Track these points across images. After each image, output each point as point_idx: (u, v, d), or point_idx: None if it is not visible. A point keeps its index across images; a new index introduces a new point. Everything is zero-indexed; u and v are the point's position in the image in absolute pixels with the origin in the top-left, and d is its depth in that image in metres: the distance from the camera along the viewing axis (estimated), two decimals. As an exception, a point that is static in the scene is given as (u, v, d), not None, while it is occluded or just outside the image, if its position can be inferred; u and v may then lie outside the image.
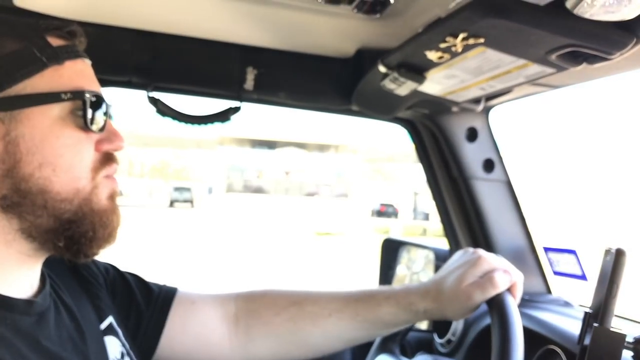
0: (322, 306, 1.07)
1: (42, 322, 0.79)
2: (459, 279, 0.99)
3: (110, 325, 0.95)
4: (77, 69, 0.80)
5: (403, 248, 1.98)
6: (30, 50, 0.75)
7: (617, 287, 0.83)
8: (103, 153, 0.82)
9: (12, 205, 0.74)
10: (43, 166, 0.74)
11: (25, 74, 0.74)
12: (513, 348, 0.86)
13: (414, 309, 1.03)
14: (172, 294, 1.07)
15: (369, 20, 1.22)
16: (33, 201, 0.74)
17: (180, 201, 36.99)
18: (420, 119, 1.61)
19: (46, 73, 0.76)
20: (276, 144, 25.90)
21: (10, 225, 0.76)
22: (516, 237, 1.61)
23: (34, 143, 0.74)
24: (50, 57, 0.76)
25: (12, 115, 0.73)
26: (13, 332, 0.73)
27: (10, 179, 0.74)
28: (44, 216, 0.75)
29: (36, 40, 0.76)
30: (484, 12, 0.86)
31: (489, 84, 1.15)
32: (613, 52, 0.87)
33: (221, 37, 1.40)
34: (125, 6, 1.27)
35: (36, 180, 0.74)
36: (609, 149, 31.55)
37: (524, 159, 24.25)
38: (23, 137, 0.73)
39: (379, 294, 1.07)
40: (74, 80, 0.78)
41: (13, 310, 0.76)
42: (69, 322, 0.85)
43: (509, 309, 0.93)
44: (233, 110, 1.44)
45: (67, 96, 0.76)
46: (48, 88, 0.76)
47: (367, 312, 1.05)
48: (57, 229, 0.76)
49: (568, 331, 1.22)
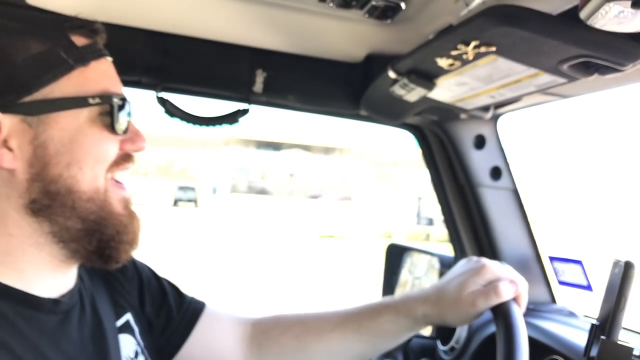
0: (325, 322, 1.09)
1: (66, 322, 0.80)
2: (461, 286, 0.98)
3: (127, 322, 0.96)
4: (102, 70, 0.80)
5: (407, 253, 1.97)
6: (57, 52, 0.75)
7: (625, 299, 0.83)
8: (123, 153, 0.82)
9: (42, 209, 0.75)
10: (71, 165, 0.75)
11: (52, 77, 0.74)
12: (518, 356, 0.86)
13: (413, 315, 1.03)
14: (201, 306, 1.10)
15: (380, 26, 1.22)
16: (62, 202, 0.75)
17: (184, 200, 37.04)
18: (428, 125, 1.61)
19: (73, 75, 0.76)
20: (282, 145, 25.91)
21: (42, 229, 0.76)
22: (522, 246, 1.60)
23: (62, 144, 0.74)
24: (77, 58, 0.76)
25: (40, 119, 0.73)
26: (36, 331, 0.74)
27: (40, 182, 0.74)
28: (73, 217, 0.76)
29: (61, 41, 0.76)
30: (496, 21, 0.86)
31: (499, 92, 1.15)
32: (625, 63, 0.86)
33: (231, 39, 1.40)
34: (136, 6, 1.27)
35: (64, 181, 0.75)
36: (618, 158, 31.48)
37: (532, 167, 24.20)
38: (52, 140, 0.74)
39: (378, 305, 1.08)
40: (100, 82, 0.79)
41: (39, 310, 0.76)
42: (91, 319, 0.85)
43: (514, 318, 0.92)
44: (241, 113, 1.44)
45: (96, 101, 0.77)
46: (75, 91, 0.76)
47: (369, 323, 1.06)
48: (86, 231, 0.77)
49: (572, 342, 1.22)
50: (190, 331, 1.06)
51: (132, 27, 1.34)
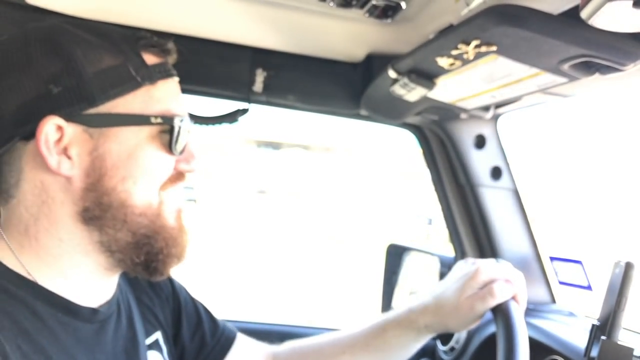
0: (336, 345, 1.12)
1: (102, 332, 0.81)
2: (458, 292, 1.00)
3: (157, 341, 0.96)
4: (168, 90, 0.81)
5: (407, 253, 1.97)
6: (127, 68, 0.76)
7: (626, 300, 0.83)
8: (176, 172, 0.83)
9: (93, 218, 0.76)
10: (126, 179, 0.76)
11: (119, 92, 0.75)
12: (518, 356, 0.86)
13: (416, 326, 1.06)
14: (234, 335, 1.13)
15: (380, 25, 1.22)
16: (114, 215, 0.76)
17: (184, 200, 36.99)
18: (428, 125, 1.61)
19: (139, 92, 0.77)
20: (281, 145, 25.92)
21: (91, 237, 0.77)
22: (522, 246, 1.60)
23: (120, 158, 0.75)
24: (145, 77, 0.77)
25: (102, 131, 0.75)
26: (72, 338, 0.75)
27: (94, 192, 0.75)
28: (124, 230, 0.77)
29: (133, 58, 0.77)
30: (497, 20, 0.86)
31: (499, 91, 1.15)
32: (626, 63, 0.86)
33: (231, 38, 1.40)
34: (135, 6, 1.27)
35: (118, 194, 0.75)
36: (619, 158, 31.46)
37: (532, 167, 24.19)
38: (110, 152, 0.75)
39: (383, 321, 1.10)
40: (164, 102, 0.79)
41: (78, 318, 0.77)
42: (126, 331, 0.86)
43: (513, 317, 0.92)
44: (241, 112, 1.44)
45: (157, 120, 0.78)
46: (139, 109, 0.77)
47: (375, 340, 1.09)
48: (135, 244, 0.78)
49: (573, 342, 1.22)
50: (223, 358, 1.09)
51: (132, 26, 1.34)
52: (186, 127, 0.81)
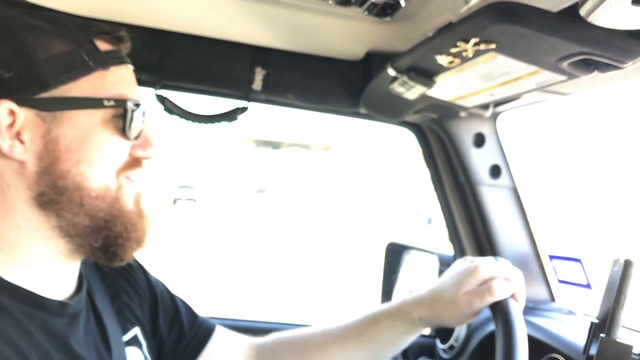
0: (326, 336, 1.11)
1: (73, 325, 0.80)
2: (456, 286, 0.99)
3: (135, 337, 0.96)
4: (121, 75, 0.82)
5: (407, 252, 1.97)
6: (79, 54, 0.77)
7: (625, 297, 0.83)
8: (133, 157, 0.83)
9: (50, 202, 0.76)
10: (80, 162, 0.76)
11: (71, 77, 0.76)
12: (517, 354, 0.86)
13: (409, 318, 1.05)
14: (213, 326, 1.12)
15: (379, 23, 1.22)
16: (70, 198, 0.76)
17: (184, 199, 37.05)
18: (427, 123, 1.61)
19: (92, 77, 0.78)
20: (281, 144, 25.91)
21: (49, 222, 0.77)
22: (521, 244, 1.60)
23: (73, 141, 0.76)
24: (98, 62, 0.78)
25: (55, 115, 0.75)
26: (43, 332, 0.74)
27: (48, 176, 0.75)
28: (81, 214, 0.77)
29: (85, 44, 0.78)
30: (496, 18, 0.86)
31: (498, 90, 1.15)
32: (626, 60, 0.86)
33: (230, 36, 1.40)
34: (134, 4, 1.27)
35: (73, 177, 0.76)
36: (618, 156, 31.58)
37: (532, 166, 24.27)
38: (63, 136, 0.75)
39: (375, 312, 1.09)
40: (118, 87, 0.81)
41: (45, 311, 0.77)
42: (96, 328, 0.86)
43: (513, 315, 0.92)
44: (240, 110, 1.44)
45: (110, 103, 0.78)
46: (92, 93, 0.77)
47: (367, 331, 1.08)
48: (93, 228, 0.78)
49: (572, 340, 1.22)
50: (201, 351, 1.08)
51: (131, 24, 1.34)
52: (140, 112, 0.82)
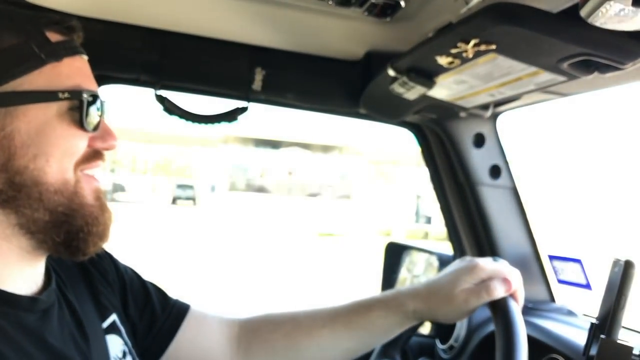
0: (315, 319, 1.09)
1: (46, 319, 0.79)
2: (453, 283, 0.99)
3: (113, 323, 0.95)
4: (75, 67, 0.80)
5: (407, 252, 1.97)
6: (29, 46, 0.75)
7: (625, 298, 0.83)
8: (92, 150, 0.82)
9: (8, 200, 0.75)
10: (37, 157, 0.75)
11: (23, 70, 0.74)
12: (518, 354, 0.86)
13: (403, 310, 1.03)
14: (186, 306, 1.10)
15: (379, 24, 1.22)
16: (28, 194, 0.75)
17: (183, 198, 36.96)
18: (427, 123, 1.61)
19: (44, 70, 0.76)
20: (280, 143, 25.86)
21: (8, 220, 0.76)
22: (521, 244, 1.60)
23: (29, 136, 0.74)
24: (49, 53, 0.76)
25: (8, 110, 0.73)
26: (16, 328, 0.74)
27: (5, 172, 0.74)
28: (40, 209, 0.75)
29: (35, 36, 0.76)
30: (496, 19, 0.86)
31: (498, 90, 1.15)
32: (626, 62, 0.86)
33: (230, 37, 1.40)
34: (135, 4, 1.27)
35: (30, 172, 0.74)
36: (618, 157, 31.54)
37: (532, 166, 24.21)
38: (19, 131, 0.74)
39: (369, 300, 1.08)
40: (72, 78, 0.79)
41: (16, 307, 0.76)
42: (71, 319, 0.85)
43: (512, 315, 0.92)
44: (240, 111, 1.44)
45: (65, 95, 0.77)
46: (46, 86, 0.76)
47: (359, 318, 1.06)
48: (54, 223, 0.77)
49: (572, 340, 1.22)
50: (176, 332, 1.05)
51: (131, 24, 1.34)
52: (97, 103, 0.80)
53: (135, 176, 48.12)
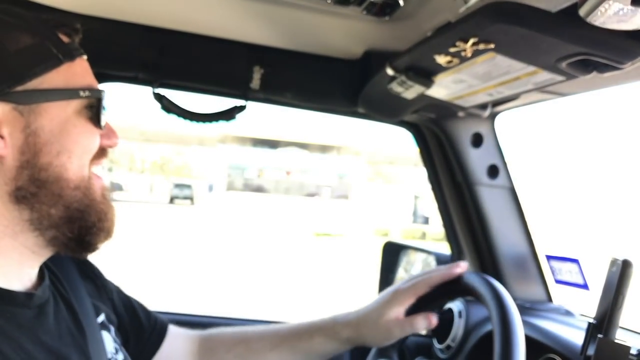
0: (265, 342, 1.15)
1: (42, 315, 0.80)
2: (378, 312, 1.07)
3: (104, 321, 0.98)
4: (85, 67, 0.84)
5: (404, 252, 1.97)
6: (47, 46, 0.77)
7: (623, 298, 0.83)
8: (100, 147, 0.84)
9: (27, 196, 0.76)
10: (61, 154, 0.77)
11: (43, 69, 0.76)
12: (515, 354, 0.86)
13: (339, 337, 1.12)
14: (166, 323, 1.16)
15: (378, 23, 1.22)
16: (50, 190, 0.76)
17: (181, 198, 36.93)
18: (425, 122, 1.61)
19: (61, 69, 0.78)
20: (278, 143, 25.84)
21: (21, 216, 0.77)
22: (518, 244, 1.60)
23: (53, 134, 0.76)
24: (65, 53, 0.79)
25: (31, 108, 0.75)
26: (13, 325, 0.74)
27: (29, 169, 0.75)
28: (58, 205, 0.77)
29: (51, 36, 0.79)
30: (495, 18, 0.86)
31: (497, 90, 1.15)
32: (624, 61, 0.86)
33: (229, 35, 1.39)
34: (132, 1, 1.26)
35: (54, 169, 0.76)
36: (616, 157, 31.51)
37: (530, 166, 24.18)
38: (43, 128, 0.76)
39: (311, 326, 1.15)
40: (85, 78, 0.82)
41: (13, 304, 0.76)
42: (67, 315, 0.86)
43: (510, 314, 0.93)
44: (238, 109, 1.44)
45: (85, 94, 0.80)
46: (65, 84, 0.78)
47: (303, 343, 1.14)
48: (68, 219, 0.78)
49: (569, 340, 1.22)
50: (159, 346, 1.11)
51: (129, 22, 1.33)
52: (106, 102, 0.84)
53: (133, 175, 48.08)
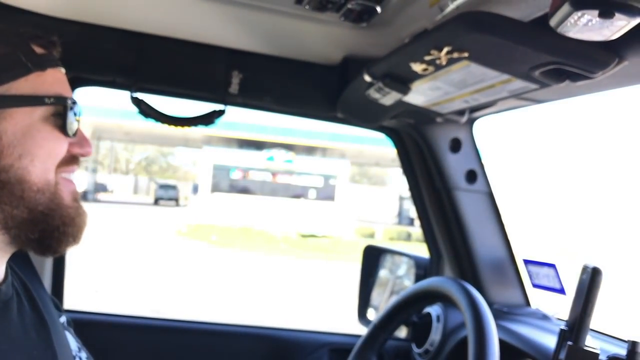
0: None
1: (6, 311, 0.82)
2: None
3: (64, 323, 1.00)
4: (57, 77, 0.85)
5: (384, 255, 1.98)
6: (17, 56, 0.80)
7: (592, 305, 0.84)
8: (70, 155, 0.86)
9: None
10: (22, 157, 0.78)
11: (11, 77, 0.78)
12: (489, 358, 0.87)
13: None
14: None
15: (356, 29, 1.22)
16: (11, 191, 0.77)
17: (165, 199, 36.71)
18: (405, 128, 1.62)
19: (30, 77, 0.80)
20: (264, 144, 25.78)
21: None
22: (496, 249, 1.61)
23: (15, 137, 0.78)
24: (35, 63, 0.81)
25: None
26: None
27: None
28: (20, 207, 0.78)
29: (22, 47, 0.81)
30: (468, 27, 0.87)
31: (472, 97, 1.16)
32: (596, 71, 0.87)
33: (207, 39, 1.39)
34: (110, 5, 1.26)
35: (15, 171, 0.77)
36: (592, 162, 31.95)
37: (507, 171, 24.37)
38: (5, 132, 0.77)
39: None
40: (55, 87, 0.84)
41: None
42: (30, 312, 0.88)
43: (485, 319, 0.93)
44: (217, 114, 1.44)
45: (50, 101, 0.81)
46: (32, 91, 0.80)
47: None
48: (31, 221, 0.79)
49: (544, 344, 1.23)
50: None
51: (106, 26, 1.33)
52: (77, 111, 0.85)
53: (117, 176, 47.70)
